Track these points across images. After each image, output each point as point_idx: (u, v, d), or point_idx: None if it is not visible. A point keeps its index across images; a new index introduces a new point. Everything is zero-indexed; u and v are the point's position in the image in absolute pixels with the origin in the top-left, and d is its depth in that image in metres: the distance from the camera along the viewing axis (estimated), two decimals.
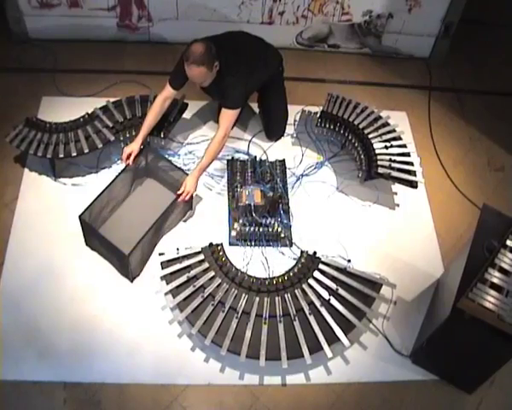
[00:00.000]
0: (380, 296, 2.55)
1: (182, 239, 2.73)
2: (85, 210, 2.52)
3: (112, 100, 3.07)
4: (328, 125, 3.14)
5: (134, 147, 2.75)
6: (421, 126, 3.47)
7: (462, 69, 3.84)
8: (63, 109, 3.14)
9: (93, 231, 2.55)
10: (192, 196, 2.74)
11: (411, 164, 2.98)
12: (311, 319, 2.40)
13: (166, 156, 2.89)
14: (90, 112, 3.00)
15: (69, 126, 2.93)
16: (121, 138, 2.94)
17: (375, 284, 2.56)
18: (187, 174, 2.72)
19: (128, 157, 2.74)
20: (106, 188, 2.62)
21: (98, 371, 2.35)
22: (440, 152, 3.34)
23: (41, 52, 3.52)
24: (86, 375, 2.34)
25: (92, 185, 2.85)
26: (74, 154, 2.81)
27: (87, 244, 2.68)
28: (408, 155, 3.02)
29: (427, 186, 3.12)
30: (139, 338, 2.44)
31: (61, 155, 2.80)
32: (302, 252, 2.69)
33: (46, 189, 2.87)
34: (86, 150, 2.83)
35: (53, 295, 2.52)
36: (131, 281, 2.59)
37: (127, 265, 2.47)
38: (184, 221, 2.82)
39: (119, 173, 2.70)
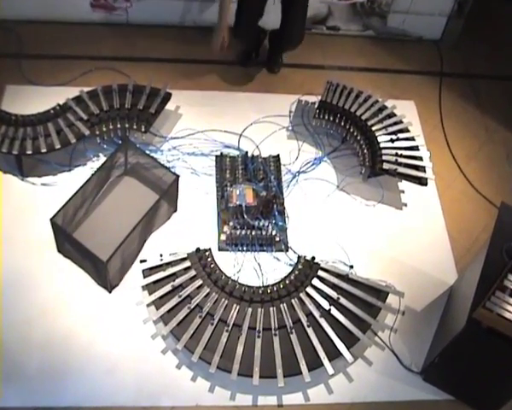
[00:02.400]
0: (386, 306, 2.59)
1: (166, 244, 2.75)
2: (57, 212, 2.53)
3: (86, 89, 3.09)
4: (327, 117, 3.18)
5: (226, 35, 3.08)
6: (431, 117, 3.51)
7: (477, 52, 3.88)
8: (31, 100, 3.16)
9: (66, 236, 2.57)
10: (177, 196, 2.76)
11: (420, 159, 3.02)
12: (310, 331, 2.44)
13: (148, 152, 2.91)
14: (61, 103, 3.02)
15: (38, 119, 2.94)
16: (97, 133, 2.96)
17: (380, 293, 2.60)
18: (171, 172, 2.75)
19: (222, 47, 3.12)
20: (80, 188, 2.63)
21: (73, 393, 2.36)
22: (453, 145, 3.38)
23: (5, 35, 3.52)
24: (59, 398, 2.35)
25: (65, 185, 2.87)
26: (44, 150, 2.83)
27: (59, 251, 2.70)
28: (416, 148, 3.07)
29: (438, 183, 3.16)
30: (119, 355, 2.46)
31: (29, 152, 2.82)
32: (299, 257, 2.73)
33: (12, 189, 2.88)
34: (58, 146, 2.85)
35: (21, 309, 2.53)
36: (110, 291, 2.61)
37: (105, 273, 2.49)
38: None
39: (95, 171, 2.72)
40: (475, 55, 3.86)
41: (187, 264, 2.60)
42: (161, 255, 2.61)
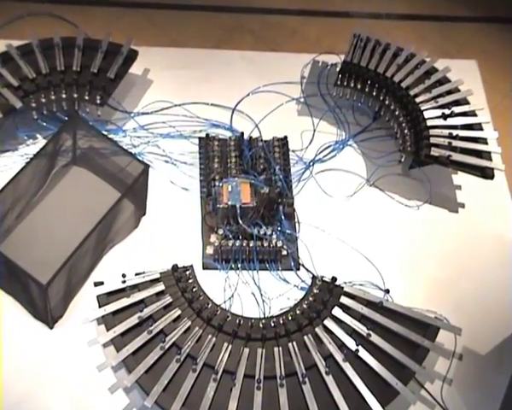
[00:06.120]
0: (436, 347, 2.60)
1: (130, 260, 2.79)
2: None
3: (16, 44, 3.12)
4: (353, 84, 3.22)
5: None
6: (501, 82, 3.56)
7: None
8: None
9: None
10: (146, 194, 2.80)
11: (484, 142, 3.06)
12: (330, 380, 2.46)
13: (105, 133, 2.95)
14: None
15: None
16: (33, 105, 2.99)
17: (428, 328, 2.62)
18: (138, 160, 2.78)
19: None
20: (9, 182, 2.65)
21: None
22: None
23: None
24: None
25: None
26: None
27: None
28: (479, 127, 3.11)
29: (510, 176, 3.20)
30: None
31: None
32: (314, 278, 2.76)
33: None
34: None
35: None
36: (51, 327, 2.64)
37: (45, 301, 2.51)
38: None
39: (31, 159, 2.75)
40: None
41: (160, 287, 2.63)
42: (124, 276, 2.63)
